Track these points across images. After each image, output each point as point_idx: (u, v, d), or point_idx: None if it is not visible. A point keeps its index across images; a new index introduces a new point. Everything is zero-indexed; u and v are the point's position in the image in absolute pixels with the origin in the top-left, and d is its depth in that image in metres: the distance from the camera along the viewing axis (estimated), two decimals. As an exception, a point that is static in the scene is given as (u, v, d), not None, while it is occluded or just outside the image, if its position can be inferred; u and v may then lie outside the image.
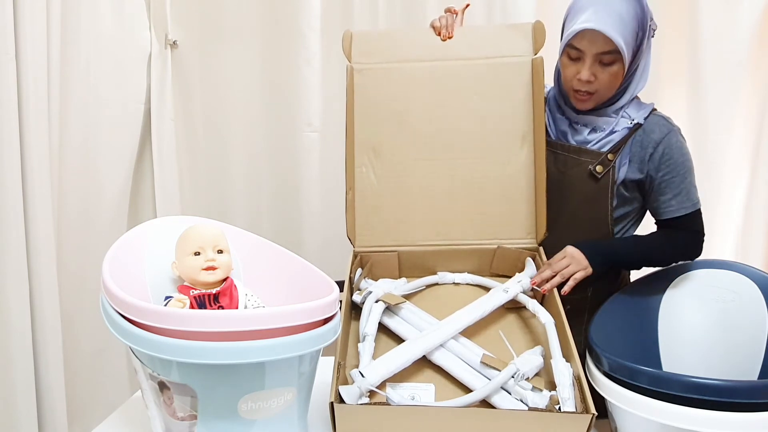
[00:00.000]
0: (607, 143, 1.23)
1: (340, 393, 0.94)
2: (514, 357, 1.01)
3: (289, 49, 1.95)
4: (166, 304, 0.98)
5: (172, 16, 1.96)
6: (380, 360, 1.01)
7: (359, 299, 1.15)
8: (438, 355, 1.04)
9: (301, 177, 2.02)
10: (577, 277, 1.15)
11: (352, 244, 1.29)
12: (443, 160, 1.29)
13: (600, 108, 1.25)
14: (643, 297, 1.21)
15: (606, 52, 1.16)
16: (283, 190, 2.05)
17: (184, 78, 2.02)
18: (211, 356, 0.82)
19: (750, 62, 1.83)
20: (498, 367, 0.99)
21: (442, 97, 1.30)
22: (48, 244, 1.54)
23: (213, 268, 1.01)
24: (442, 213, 1.28)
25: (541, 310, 1.09)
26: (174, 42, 1.97)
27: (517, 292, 1.15)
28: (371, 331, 1.06)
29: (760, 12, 1.80)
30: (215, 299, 1.01)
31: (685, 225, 1.24)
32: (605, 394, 0.96)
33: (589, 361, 1.02)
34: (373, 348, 1.04)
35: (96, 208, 1.76)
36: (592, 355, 1.02)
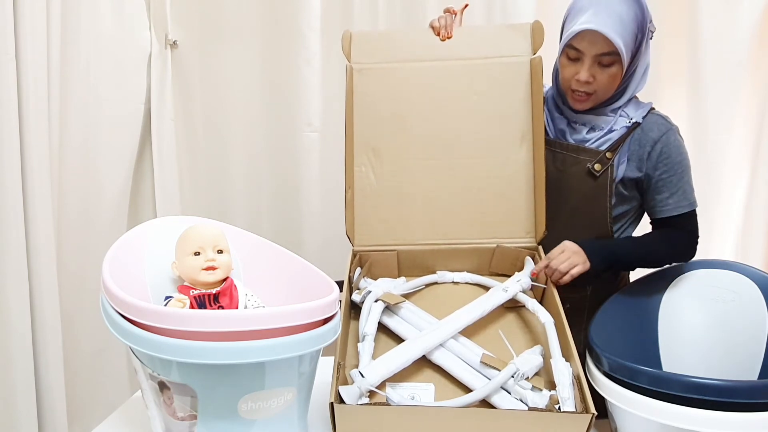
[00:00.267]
0: (606, 142, 1.24)
1: (340, 393, 0.94)
2: (514, 356, 1.01)
3: (289, 49, 1.95)
4: (166, 304, 0.98)
5: (172, 16, 1.96)
6: (380, 360, 1.01)
7: (358, 298, 1.15)
8: (438, 355, 1.04)
9: (301, 177, 2.02)
10: (575, 272, 1.14)
11: (351, 243, 1.29)
12: (442, 160, 1.29)
13: (598, 107, 1.25)
14: (643, 297, 1.21)
15: (605, 54, 1.16)
16: (283, 190, 2.05)
17: (184, 78, 2.02)
18: (211, 356, 0.82)
19: (750, 62, 1.83)
20: (498, 367, 0.99)
21: (441, 96, 1.30)
22: (48, 244, 1.54)
23: (213, 268, 1.01)
24: (442, 212, 1.28)
25: (540, 310, 1.09)
26: (174, 42, 1.97)
27: (517, 292, 1.15)
28: (371, 330, 1.06)
29: (760, 12, 1.80)
30: (215, 299, 1.01)
31: (680, 224, 1.24)
32: (605, 394, 0.96)
33: (589, 361, 1.02)
34: (373, 348, 1.04)
35: (96, 208, 1.76)
36: (592, 355, 1.02)
